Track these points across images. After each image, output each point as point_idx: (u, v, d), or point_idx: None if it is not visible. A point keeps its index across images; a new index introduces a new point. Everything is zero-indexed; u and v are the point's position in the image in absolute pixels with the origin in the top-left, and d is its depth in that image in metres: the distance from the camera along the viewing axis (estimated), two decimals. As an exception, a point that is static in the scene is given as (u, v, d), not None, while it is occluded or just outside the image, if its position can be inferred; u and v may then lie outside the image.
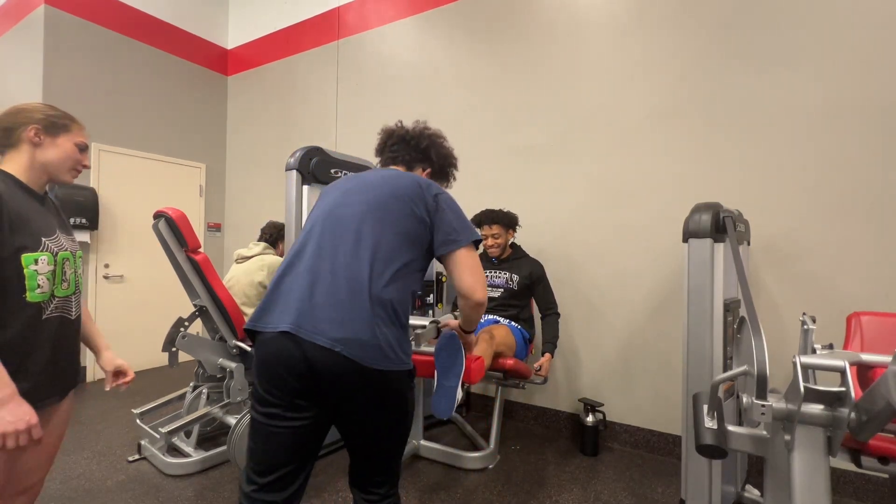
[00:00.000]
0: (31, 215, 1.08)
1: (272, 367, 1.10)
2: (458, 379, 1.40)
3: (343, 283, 1.08)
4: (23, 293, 1.05)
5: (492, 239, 2.55)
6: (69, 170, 1.18)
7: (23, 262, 1.04)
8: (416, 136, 1.41)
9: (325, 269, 1.11)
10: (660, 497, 2.14)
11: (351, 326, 1.05)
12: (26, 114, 1.12)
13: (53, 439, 1.20)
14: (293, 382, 1.09)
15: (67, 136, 1.17)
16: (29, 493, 1.19)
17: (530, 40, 3.05)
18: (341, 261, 1.11)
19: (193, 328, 2.52)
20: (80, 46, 3.75)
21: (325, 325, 1.05)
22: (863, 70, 2.15)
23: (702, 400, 1.20)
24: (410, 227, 1.17)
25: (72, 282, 1.18)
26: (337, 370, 1.05)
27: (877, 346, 1.60)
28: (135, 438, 2.61)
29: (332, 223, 1.18)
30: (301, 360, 1.06)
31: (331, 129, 4.03)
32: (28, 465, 1.14)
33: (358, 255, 1.11)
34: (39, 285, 1.07)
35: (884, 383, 0.89)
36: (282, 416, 1.11)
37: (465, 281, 1.19)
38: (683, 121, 2.55)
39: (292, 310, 1.08)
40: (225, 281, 2.63)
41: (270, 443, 1.13)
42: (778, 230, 2.31)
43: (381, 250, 1.13)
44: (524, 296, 2.56)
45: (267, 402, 1.12)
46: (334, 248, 1.13)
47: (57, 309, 1.13)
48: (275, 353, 1.09)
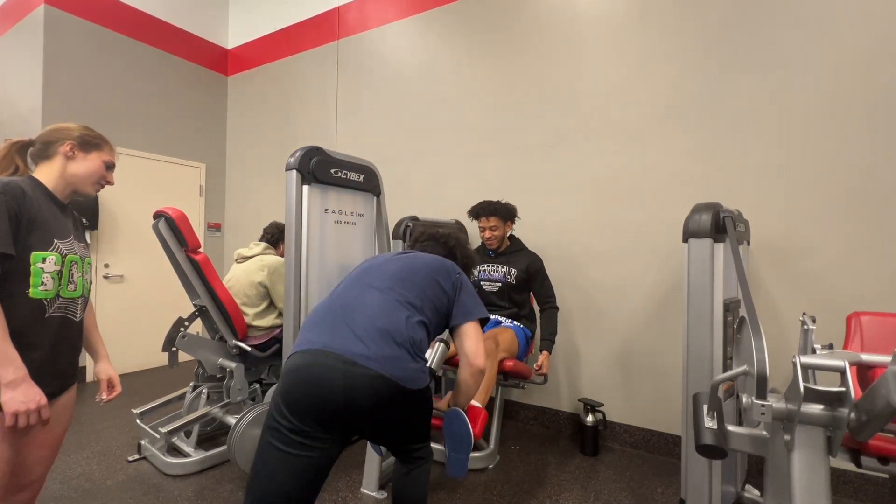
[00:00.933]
0: (48, 218, 1.16)
1: (308, 383, 1.15)
2: (469, 450, 1.50)
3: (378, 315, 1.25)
4: (26, 289, 1.10)
5: (489, 231, 2.52)
6: (93, 183, 1.30)
7: (31, 259, 1.10)
8: (445, 237, 1.65)
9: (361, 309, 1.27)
10: (660, 497, 2.14)
11: (387, 354, 1.19)
12: (66, 131, 1.25)
13: (54, 435, 1.23)
14: (332, 399, 1.15)
15: (98, 153, 1.29)
16: (31, 489, 1.21)
17: (530, 40, 3.05)
18: (374, 303, 1.28)
19: (193, 328, 2.52)
20: (80, 46, 3.75)
21: (366, 350, 1.17)
22: (862, 70, 2.15)
23: (702, 400, 1.20)
24: (434, 293, 1.37)
25: (79, 285, 1.23)
26: (375, 393, 1.16)
27: (877, 346, 1.60)
28: (135, 438, 2.61)
29: (367, 277, 1.39)
30: (341, 384, 1.14)
31: (331, 129, 4.03)
32: (31, 458, 1.17)
33: (390, 299, 1.30)
34: (43, 283, 1.12)
35: (884, 383, 0.89)
36: (307, 445, 1.16)
37: (470, 346, 1.38)
38: (683, 121, 2.55)
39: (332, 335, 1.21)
40: (225, 281, 2.63)
41: (284, 473, 1.14)
42: (778, 230, 2.31)
43: (409, 301, 1.32)
44: (522, 290, 2.53)
45: (293, 429, 1.16)
46: (368, 294, 1.32)
47: (60, 309, 1.17)
48: (314, 376, 1.15)
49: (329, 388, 1.14)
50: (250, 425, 2.09)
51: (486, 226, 2.52)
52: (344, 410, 1.15)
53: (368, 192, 2.43)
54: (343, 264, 2.33)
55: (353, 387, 1.14)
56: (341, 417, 1.16)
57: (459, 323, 1.41)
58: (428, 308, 1.34)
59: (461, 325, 1.41)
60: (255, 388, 2.60)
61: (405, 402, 1.22)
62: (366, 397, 1.15)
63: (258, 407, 2.15)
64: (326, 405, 1.14)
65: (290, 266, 2.12)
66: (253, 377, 2.64)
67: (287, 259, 2.13)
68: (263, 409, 2.14)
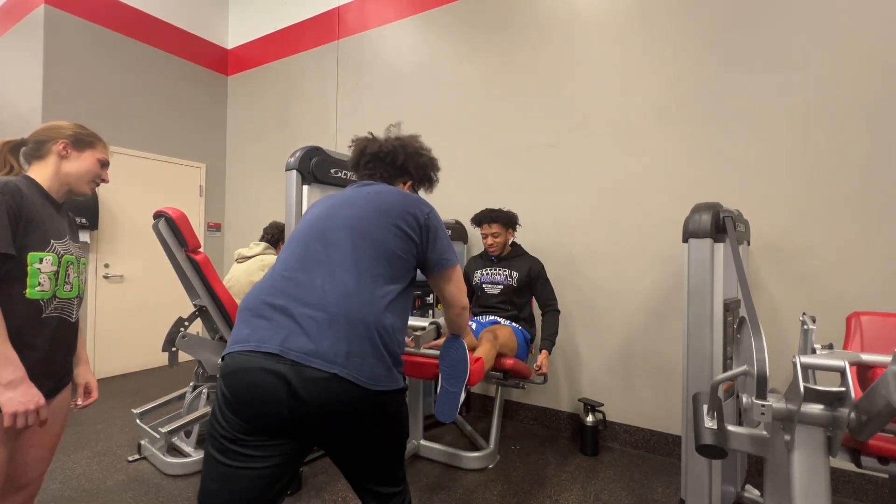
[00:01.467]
0: (44, 218, 1.15)
1: (248, 396, 0.96)
2: (461, 384, 1.40)
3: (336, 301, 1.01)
4: (23, 290, 1.10)
5: (491, 238, 2.54)
6: (88, 182, 1.28)
7: (28, 259, 1.10)
8: (390, 151, 1.32)
9: (313, 287, 1.03)
10: (660, 497, 2.14)
11: (347, 348, 0.97)
12: (59, 129, 1.23)
13: (51, 436, 1.23)
14: (275, 413, 0.95)
15: (92, 152, 1.27)
16: (27, 490, 1.22)
17: (530, 40, 3.05)
18: (329, 281, 1.04)
19: (193, 328, 2.52)
20: (80, 46, 3.75)
21: (316, 347, 0.96)
22: (863, 70, 2.15)
23: (702, 400, 1.20)
24: (399, 245, 1.12)
25: (75, 285, 1.22)
26: (333, 396, 0.95)
27: (877, 346, 1.60)
28: (135, 438, 2.61)
29: (314, 240, 1.12)
30: (286, 388, 0.94)
31: (331, 129, 4.03)
32: (27, 459, 1.18)
33: (346, 274, 1.05)
34: (40, 283, 1.12)
35: (884, 383, 0.89)
36: (251, 457, 0.97)
37: (450, 291, 1.26)
38: (683, 121, 2.55)
39: (278, 329, 0.98)
40: (225, 281, 2.63)
41: (233, 488, 0.97)
42: (778, 230, 2.31)
43: (368, 268, 1.07)
44: (524, 293, 2.55)
45: (234, 439, 0.97)
46: (320, 265, 1.07)
47: (57, 309, 1.17)
48: (252, 382, 0.95)
49: (268, 397, 0.94)
50: (250, 425, 2.08)
51: (488, 232, 2.55)
52: (291, 419, 0.96)
53: (368, 192, 2.43)
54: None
55: (300, 393, 0.93)
56: (289, 425, 0.97)
57: (436, 271, 1.22)
58: (396, 265, 1.11)
59: (438, 273, 1.23)
60: (255, 388, 2.60)
61: (371, 406, 1.00)
62: (318, 402, 0.95)
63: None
64: (269, 415, 0.96)
65: (290, 266, 2.11)
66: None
67: (287, 259, 2.13)
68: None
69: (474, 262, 2.70)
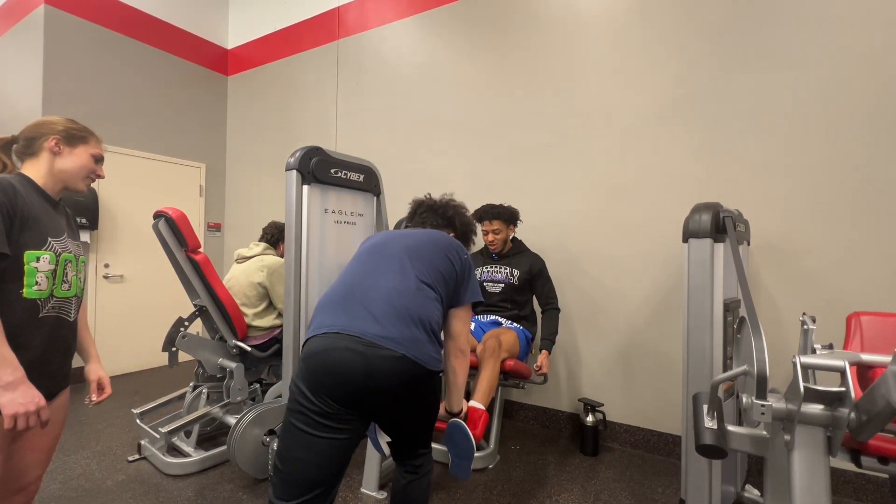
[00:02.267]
0: (41, 216, 1.13)
1: (330, 371, 1.15)
2: (471, 456, 1.52)
3: (395, 296, 1.24)
4: (20, 289, 1.08)
5: (492, 234, 2.53)
6: (83, 178, 1.26)
7: (25, 258, 1.08)
8: (443, 206, 1.66)
9: (379, 288, 1.26)
10: (660, 497, 2.14)
11: (409, 335, 1.20)
12: (49, 125, 1.21)
13: (50, 437, 1.22)
14: (352, 386, 1.15)
15: (85, 147, 1.25)
16: (25, 492, 1.20)
17: (531, 40, 3.05)
18: (391, 283, 1.27)
19: (193, 328, 2.52)
20: (80, 46, 3.75)
21: (388, 331, 1.17)
22: (863, 70, 2.15)
23: (702, 400, 1.20)
24: (445, 268, 1.37)
25: (73, 284, 1.20)
26: (399, 373, 1.17)
27: (877, 346, 1.60)
28: (135, 438, 2.61)
29: (377, 255, 1.37)
30: (363, 365, 1.14)
31: (331, 129, 4.03)
32: (26, 462, 1.17)
33: (406, 277, 1.29)
34: (38, 282, 1.10)
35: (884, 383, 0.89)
36: (329, 427, 1.16)
37: (458, 327, 1.43)
38: (683, 121, 2.55)
39: (355, 318, 1.20)
40: (225, 281, 2.63)
41: (310, 455, 1.15)
42: (778, 230, 2.31)
43: (421, 276, 1.31)
44: (525, 291, 2.55)
45: (322, 413, 1.15)
46: (383, 272, 1.31)
47: (54, 309, 1.15)
48: (336, 359, 1.15)
49: (348, 371, 1.14)
50: (250, 425, 2.09)
51: (489, 229, 2.54)
52: (365, 392, 1.16)
53: (368, 192, 2.44)
54: (343, 264, 2.33)
55: (375, 368, 1.14)
56: (362, 399, 1.17)
57: (460, 304, 1.43)
58: (440, 284, 1.34)
59: (460, 306, 1.43)
60: (255, 388, 2.60)
61: (425, 383, 1.24)
62: (388, 377, 1.16)
63: (258, 407, 2.15)
64: (347, 387, 1.15)
65: (290, 266, 2.12)
66: (253, 377, 2.64)
67: (287, 259, 2.13)
68: (264, 409, 2.14)
69: (474, 259, 2.67)
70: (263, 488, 2.11)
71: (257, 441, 2.10)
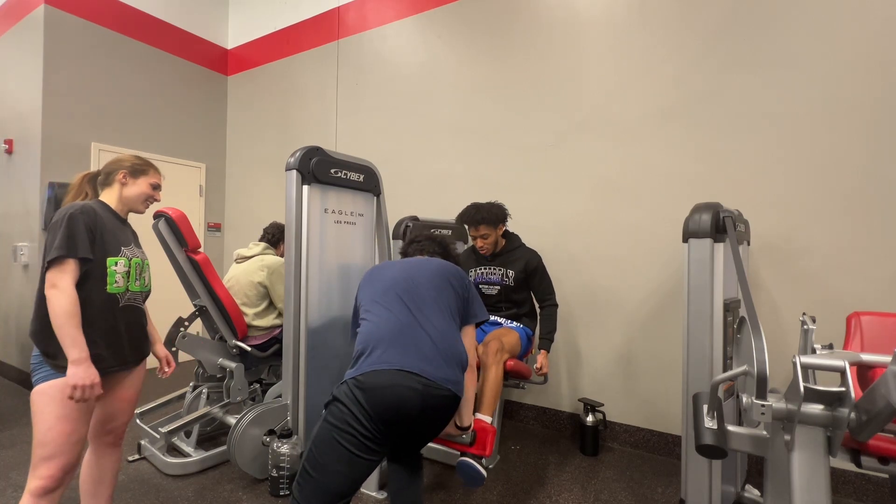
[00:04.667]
0: (115, 231, 1.48)
1: (391, 406, 1.27)
2: (482, 483, 1.74)
3: (439, 339, 1.41)
4: (104, 286, 1.42)
5: (481, 240, 2.42)
6: (142, 202, 1.59)
7: (107, 263, 1.42)
8: (440, 238, 1.87)
9: (424, 329, 1.42)
10: (660, 497, 2.14)
11: (452, 373, 1.37)
12: (119, 162, 1.56)
13: (132, 392, 1.60)
14: (406, 419, 1.29)
15: (145, 178, 1.58)
16: (113, 434, 1.59)
17: (531, 40, 3.05)
18: (430, 326, 1.43)
19: (193, 328, 2.52)
20: (80, 46, 3.75)
21: (438, 372, 1.33)
22: (862, 70, 2.15)
23: (702, 400, 1.20)
24: (454, 296, 1.56)
25: (143, 281, 1.56)
26: (447, 407, 1.36)
27: (877, 346, 1.60)
28: (135, 438, 2.61)
29: (413, 294, 1.51)
30: (420, 402, 1.28)
31: (331, 129, 4.03)
32: (113, 408, 1.55)
33: (441, 317, 1.47)
34: (116, 281, 1.44)
35: (884, 383, 0.89)
36: (371, 450, 1.28)
37: (466, 344, 1.56)
38: (683, 121, 2.55)
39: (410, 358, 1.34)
40: (225, 281, 2.63)
41: (347, 471, 1.26)
42: (778, 230, 2.31)
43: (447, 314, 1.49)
44: (522, 289, 2.47)
45: (373, 438, 1.27)
46: (426, 315, 1.46)
47: (130, 300, 1.50)
48: (398, 395, 1.28)
49: (408, 406, 1.28)
50: (250, 425, 2.09)
51: (476, 235, 2.42)
52: (415, 423, 1.31)
53: (368, 192, 2.44)
54: (343, 264, 2.33)
55: (429, 406, 1.30)
56: (409, 426, 1.32)
57: (468, 323, 1.60)
58: (456, 313, 1.53)
59: (466, 326, 1.60)
60: (255, 388, 2.60)
61: (454, 408, 1.41)
62: (437, 411, 1.34)
63: (258, 407, 2.15)
64: (402, 418, 1.29)
65: (290, 266, 2.12)
66: (253, 377, 2.64)
67: (287, 259, 2.13)
68: (264, 409, 2.14)
69: (467, 258, 2.60)
70: (263, 488, 2.11)
71: (257, 441, 2.10)
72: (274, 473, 2.01)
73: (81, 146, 3.70)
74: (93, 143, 3.76)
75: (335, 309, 2.27)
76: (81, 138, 3.71)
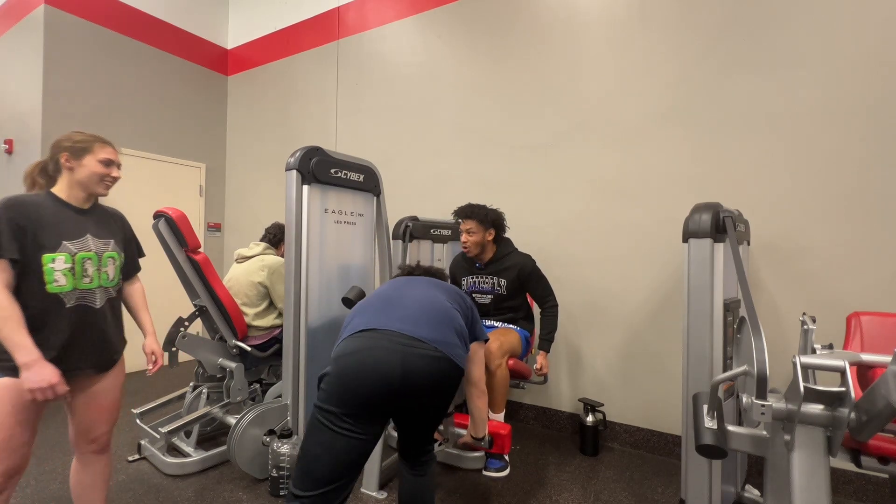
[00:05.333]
0: (59, 224, 1.32)
1: (367, 366, 1.17)
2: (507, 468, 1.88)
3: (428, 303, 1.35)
4: (43, 285, 1.27)
5: (465, 234, 2.36)
6: (98, 183, 1.41)
7: (42, 260, 1.27)
8: (438, 270, 1.81)
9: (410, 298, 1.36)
10: (660, 497, 2.14)
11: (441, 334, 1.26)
12: (58, 144, 1.39)
13: (108, 402, 1.48)
14: (389, 382, 1.17)
15: (91, 156, 1.39)
16: (97, 442, 1.50)
17: (531, 40, 3.05)
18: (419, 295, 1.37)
19: (193, 328, 2.52)
20: (80, 46, 3.75)
21: (423, 330, 1.23)
22: (862, 70, 2.15)
23: (702, 400, 1.20)
24: (459, 306, 1.48)
25: (95, 277, 1.37)
26: (435, 369, 1.21)
27: (877, 346, 1.60)
28: (135, 438, 2.61)
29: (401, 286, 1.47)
30: (400, 363, 1.16)
31: (331, 129, 4.03)
32: (90, 418, 1.45)
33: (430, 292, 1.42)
34: (56, 280, 1.29)
35: (884, 383, 0.89)
36: (355, 427, 1.18)
37: (476, 372, 1.54)
38: (683, 121, 2.55)
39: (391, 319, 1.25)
40: (225, 281, 2.63)
41: (333, 453, 1.18)
42: (778, 230, 2.31)
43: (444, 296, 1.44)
44: (516, 296, 2.43)
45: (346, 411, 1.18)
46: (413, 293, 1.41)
47: (79, 299, 1.34)
48: (374, 357, 1.18)
49: (386, 371, 1.16)
50: (250, 425, 2.09)
51: (463, 228, 2.38)
52: (398, 394, 1.18)
53: (368, 192, 2.44)
54: (343, 264, 2.33)
55: (411, 369, 1.17)
56: (394, 399, 1.19)
57: (474, 340, 1.54)
58: (461, 317, 1.44)
59: (474, 343, 1.54)
60: (255, 388, 2.60)
61: (454, 380, 1.29)
62: (423, 377, 1.19)
63: (258, 407, 2.15)
64: (382, 388, 1.16)
65: (290, 266, 2.12)
66: (253, 377, 2.64)
67: (287, 259, 2.13)
68: (264, 409, 2.14)
69: (459, 264, 2.55)
70: (263, 488, 2.11)
71: (257, 441, 2.10)
72: (274, 473, 2.01)
73: (81, 146, 3.70)
74: (93, 143, 3.75)
75: (335, 309, 2.27)
76: (81, 138, 3.70)
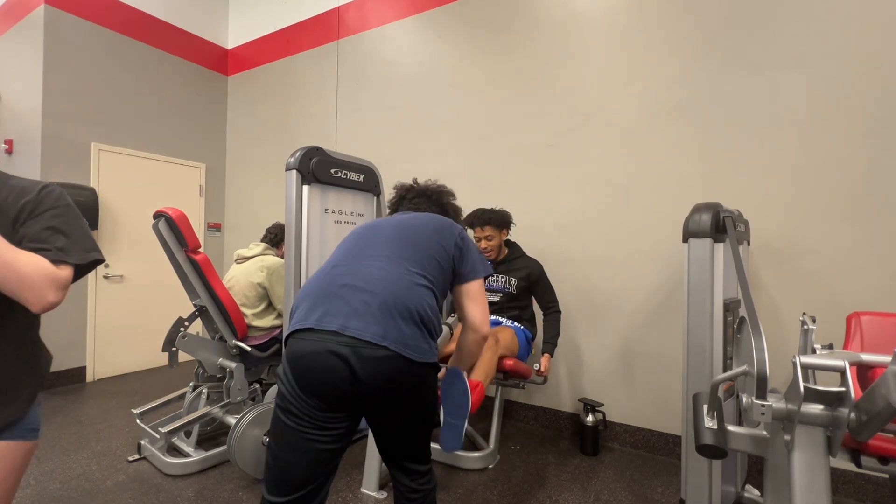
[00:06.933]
0: None
1: (316, 375, 1.09)
2: (465, 418, 1.41)
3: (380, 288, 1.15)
4: None
5: (485, 241, 2.46)
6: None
7: None
8: (435, 191, 1.57)
9: (362, 276, 1.18)
10: (660, 497, 2.14)
11: (393, 328, 1.10)
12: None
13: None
14: (339, 388, 1.09)
15: None
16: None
17: (531, 40, 3.05)
18: (375, 270, 1.19)
19: (193, 328, 2.52)
20: (80, 46, 3.75)
21: (370, 326, 1.09)
22: (862, 71, 2.15)
23: (702, 400, 1.20)
24: (438, 252, 1.28)
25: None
26: (386, 369, 1.08)
27: (877, 346, 1.60)
28: (135, 438, 2.61)
29: (363, 241, 1.29)
30: (347, 366, 1.07)
31: (331, 129, 4.03)
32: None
33: (389, 264, 1.21)
34: None
35: (884, 383, 0.89)
36: (320, 426, 1.11)
37: (476, 314, 1.32)
38: (683, 121, 2.55)
39: (336, 313, 1.11)
40: (225, 281, 2.63)
41: (302, 455, 1.11)
42: (778, 230, 2.31)
43: (408, 261, 1.23)
44: (524, 297, 2.52)
45: (305, 412, 1.11)
46: (366, 258, 1.23)
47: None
48: (320, 363, 1.08)
49: (334, 377, 1.07)
50: (250, 425, 2.09)
51: (480, 235, 2.45)
52: (353, 397, 1.10)
53: (368, 192, 2.44)
54: (343, 264, 2.33)
55: (360, 371, 1.06)
56: (352, 403, 1.12)
57: (465, 281, 1.32)
58: (433, 269, 1.24)
59: (467, 283, 1.32)
60: (255, 388, 2.60)
61: (417, 376, 1.13)
62: (374, 379, 1.07)
63: (258, 407, 2.15)
64: (335, 392, 1.09)
65: (289, 266, 2.12)
66: (253, 377, 2.64)
67: (287, 259, 2.13)
68: (263, 409, 2.14)
69: None
70: (263, 488, 2.11)
71: (257, 441, 2.10)
72: (274, 473, 2.01)
73: (81, 146, 3.70)
74: (93, 143, 3.76)
75: (335, 309, 2.27)
76: (81, 138, 3.71)
